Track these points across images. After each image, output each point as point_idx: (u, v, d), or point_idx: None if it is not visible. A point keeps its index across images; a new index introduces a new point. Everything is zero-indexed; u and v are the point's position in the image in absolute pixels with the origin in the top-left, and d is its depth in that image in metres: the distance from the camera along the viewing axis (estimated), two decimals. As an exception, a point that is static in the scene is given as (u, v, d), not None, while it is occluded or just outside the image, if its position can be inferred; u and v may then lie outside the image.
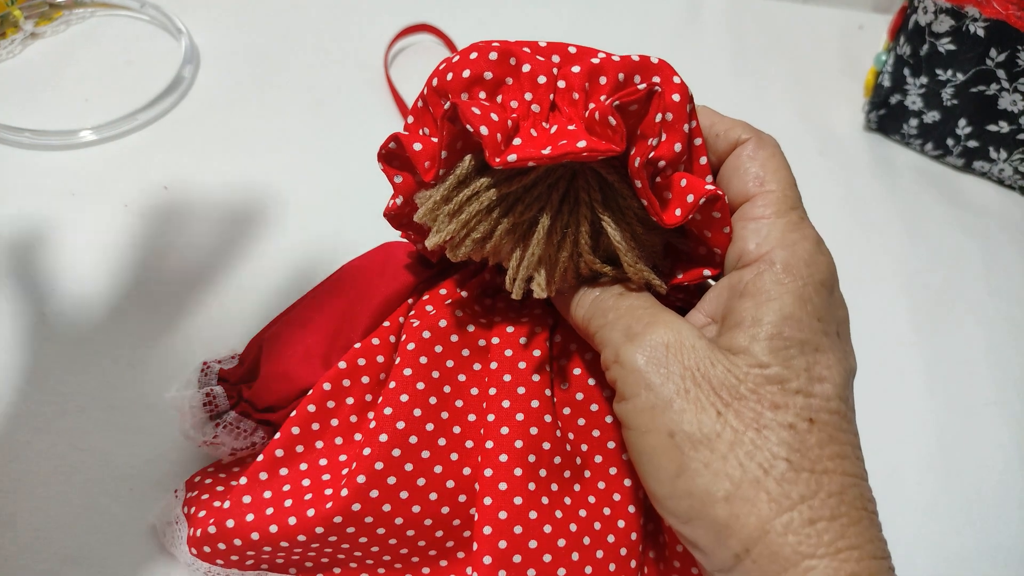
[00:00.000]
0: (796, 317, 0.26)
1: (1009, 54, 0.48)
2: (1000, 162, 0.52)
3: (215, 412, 0.33)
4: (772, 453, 0.24)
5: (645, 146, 0.26)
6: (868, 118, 0.57)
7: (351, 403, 0.31)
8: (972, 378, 0.43)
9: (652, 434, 0.25)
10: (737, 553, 0.24)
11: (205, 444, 0.32)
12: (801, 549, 0.23)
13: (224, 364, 0.34)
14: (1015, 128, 0.50)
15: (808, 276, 0.26)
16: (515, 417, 0.30)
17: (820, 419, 0.25)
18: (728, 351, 0.26)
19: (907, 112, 0.54)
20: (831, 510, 0.24)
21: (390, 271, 0.34)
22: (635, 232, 0.28)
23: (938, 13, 0.49)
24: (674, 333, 0.26)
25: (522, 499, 0.29)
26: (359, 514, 0.29)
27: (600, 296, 0.28)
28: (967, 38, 0.49)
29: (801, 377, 0.25)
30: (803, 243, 0.27)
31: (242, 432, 0.33)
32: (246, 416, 0.33)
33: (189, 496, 0.32)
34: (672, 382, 0.25)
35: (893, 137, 0.56)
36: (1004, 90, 0.49)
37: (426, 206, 0.28)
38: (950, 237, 0.50)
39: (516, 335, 0.31)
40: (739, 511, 0.24)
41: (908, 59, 0.52)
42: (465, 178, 0.27)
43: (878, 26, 0.61)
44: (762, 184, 0.28)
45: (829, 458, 0.24)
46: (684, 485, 0.25)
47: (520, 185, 0.27)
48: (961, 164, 0.54)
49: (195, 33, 0.59)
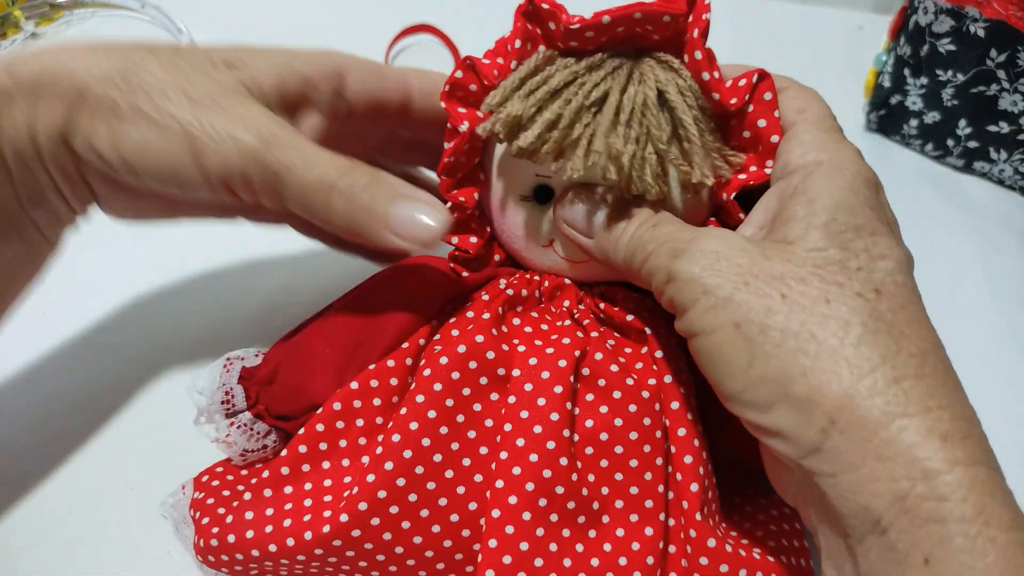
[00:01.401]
0: (849, 205, 0.26)
1: (1009, 55, 0.48)
2: (1000, 163, 0.52)
3: (231, 410, 0.32)
4: (845, 320, 0.23)
5: (701, 19, 0.28)
6: (868, 119, 0.57)
7: (360, 425, 0.31)
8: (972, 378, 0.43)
9: (718, 331, 0.25)
10: (823, 427, 0.23)
11: (217, 441, 0.32)
12: (889, 409, 0.22)
13: (247, 361, 0.33)
14: (1015, 129, 0.50)
15: (856, 172, 0.27)
16: (528, 458, 0.28)
17: (887, 290, 0.24)
18: (783, 243, 0.26)
19: (907, 113, 0.54)
20: (915, 369, 0.23)
21: (417, 287, 0.32)
22: (696, 118, 0.29)
23: (938, 14, 0.49)
24: (720, 240, 0.26)
25: (528, 545, 0.28)
26: (359, 539, 0.28)
27: (636, 232, 0.28)
28: (967, 38, 0.49)
29: (861, 256, 0.25)
30: (847, 150, 0.28)
31: (255, 434, 0.32)
32: (260, 418, 0.32)
33: (196, 497, 0.32)
34: (729, 280, 0.25)
35: (893, 138, 0.56)
36: (1004, 91, 0.49)
37: (497, 94, 0.29)
38: (950, 237, 0.50)
39: (539, 368, 0.30)
40: (819, 382, 0.23)
41: (908, 60, 0.52)
42: (535, 68, 0.29)
43: (878, 26, 0.61)
44: (802, 112, 0.29)
45: (904, 323, 0.24)
46: (758, 371, 0.24)
47: (587, 65, 0.29)
48: (961, 165, 0.54)
49: (195, 33, 0.59)
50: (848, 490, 0.22)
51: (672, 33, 0.29)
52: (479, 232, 0.33)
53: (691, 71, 0.29)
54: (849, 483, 0.22)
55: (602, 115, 0.28)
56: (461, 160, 0.31)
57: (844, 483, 0.22)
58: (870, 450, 0.22)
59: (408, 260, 0.34)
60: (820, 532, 0.25)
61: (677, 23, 0.28)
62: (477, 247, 0.33)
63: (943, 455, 0.22)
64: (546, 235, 0.32)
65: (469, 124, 0.30)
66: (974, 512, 0.21)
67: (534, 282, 0.33)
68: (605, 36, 0.29)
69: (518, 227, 0.32)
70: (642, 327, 0.31)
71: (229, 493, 0.32)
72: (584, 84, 0.28)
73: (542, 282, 0.33)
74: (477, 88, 0.31)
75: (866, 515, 0.22)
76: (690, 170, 0.28)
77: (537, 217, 0.32)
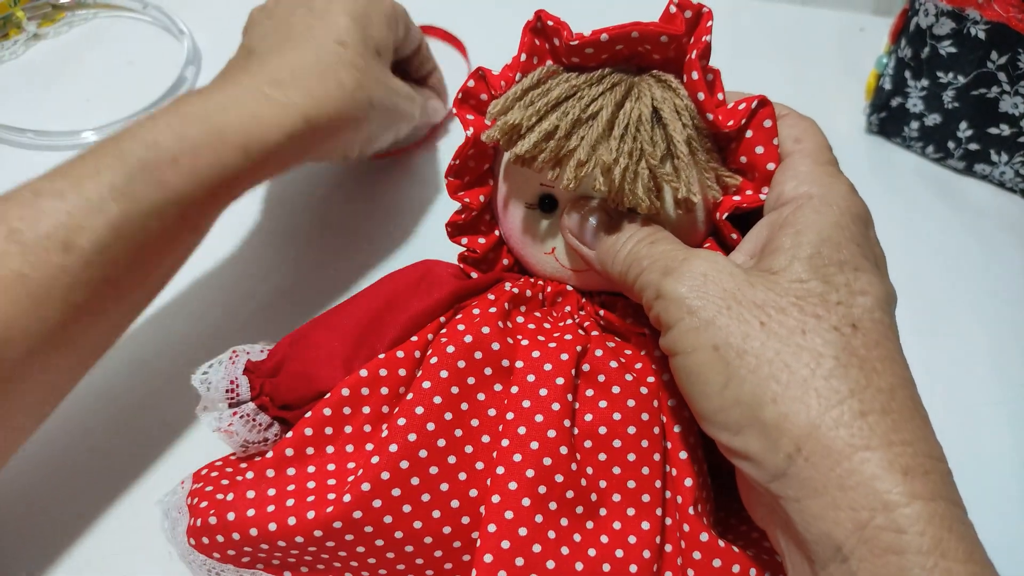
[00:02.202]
0: (834, 240, 0.26)
1: (1010, 57, 0.48)
2: (1001, 165, 0.52)
3: (235, 400, 0.33)
4: (818, 352, 0.24)
5: (701, 41, 0.29)
6: (869, 121, 0.57)
7: (367, 412, 0.31)
8: (972, 379, 0.43)
9: (698, 351, 0.26)
10: (789, 453, 0.23)
11: (219, 431, 0.32)
12: (853, 441, 0.23)
13: (252, 356, 0.34)
14: (1016, 131, 0.50)
15: (845, 208, 0.27)
16: (529, 445, 0.29)
17: (863, 326, 0.25)
18: (767, 272, 0.26)
19: (908, 115, 0.54)
20: (883, 404, 0.24)
21: (425, 287, 0.33)
22: (690, 137, 0.30)
23: (939, 16, 0.49)
24: (710, 263, 0.27)
25: (527, 530, 0.28)
26: (359, 522, 0.29)
27: (633, 248, 0.29)
28: (968, 41, 0.49)
29: (841, 291, 0.26)
30: (839, 185, 0.28)
31: (257, 425, 0.33)
32: (264, 410, 0.33)
33: (194, 488, 0.32)
34: (713, 303, 0.26)
35: (894, 140, 0.57)
36: (1005, 93, 0.49)
37: (499, 103, 0.30)
38: (951, 239, 0.50)
39: (541, 360, 0.31)
40: (788, 410, 0.24)
41: (909, 62, 0.52)
42: (538, 80, 0.30)
43: (879, 28, 0.61)
44: (798, 142, 0.30)
45: (877, 359, 0.24)
46: (732, 394, 0.25)
47: (586, 80, 0.30)
48: (962, 167, 0.54)
49: (197, 34, 0.59)
50: (811, 515, 0.23)
51: (673, 53, 0.30)
52: (487, 234, 0.35)
53: (688, 91, 0.30)
54: (812, 509, 0.23)
55: (592, 128, 0.29)
56: (469, 164, 0.33)
57: (808, 509, 0.23)
58: (833, 479, 0.23)
59: (415, 263, 0.35)
60: (788, 557, 0.26)
61: (675, 43, 0.30)
62: (485, 248, 0.34)
63: (902, 488, 0.22)
64: (548, 243, 0.33)
65: (475, 130, 0.31)
66: (931, 545, 0.22)
67: (538, 286, 0.34)
68: (606, 53, 0.30)
69: (522, 232, 0.33)
70: (641, 329, 0.32)
71: (228, 482, 0.32)
72: (583, 98, 0.30)
73: (545, 287, 0.34)
74: (488, 97, 0.32)
75: (828, 541, 0.23)
76: (678, 185, 0.29)
77: (540, 225, 0.33)
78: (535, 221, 0.33)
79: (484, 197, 0.33)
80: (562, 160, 0.30)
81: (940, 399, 0.42)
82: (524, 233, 0.33)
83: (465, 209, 0.33)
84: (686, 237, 0.31)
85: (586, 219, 0.31)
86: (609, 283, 0.31)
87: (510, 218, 0.34)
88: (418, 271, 0.34)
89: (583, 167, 0.29)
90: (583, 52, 0.30)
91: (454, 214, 0.33)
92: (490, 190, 0.34)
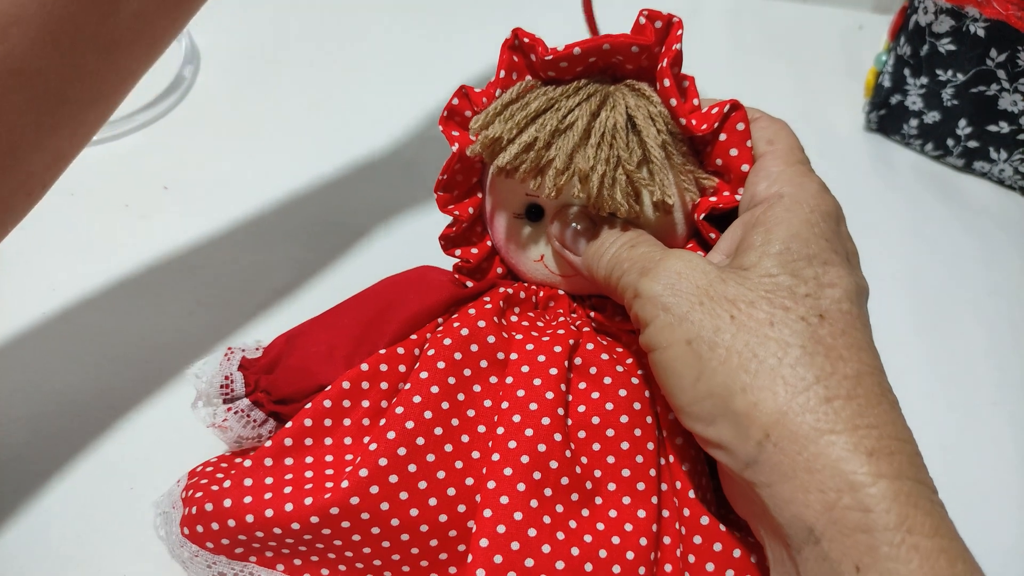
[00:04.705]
0: (803, 236, 0.27)
1: (1009, 54, 0.48)
2: (1000, 162, 0.52)
3: (229, 396, 0.33)
4: (786, 342, 0.25)
5: (671, 50, 0.30)
6: (868, 118, 0.57)
7: (366, 406, 0.32)
8: (972, 378, 0.43)
9: (672, 347, 0.27)
10: (759, 440, 0.24)
11: (213, 426, 0.33)
12: (819, 426, 0.24)
13: (248, 353, 0.34)
14: (1015, 128, 0.50)
15: (815, 206, 0.28)
16: (524, 432, 0.30)
17: (831, 316, 0.26)
18: (740, 269, 0.27)
19: (907, 112, 0.54)
20: (847, 390, 0.24)
21: (424, 288, 0.34)
22: (664, 142, 0.31)
23: (938, 13, 0.49)
24: (684, 262, 0.28)
25: (522, 515, 0.29)
26: (356, 508, 0.29)
27: (616, 252, 0.31)
28: (967, 38, 0.49)
29: (810, 283, 0.27)
30: (810, 184, 0.29)
31: (252, 421, 0.33)
32: (259, 405, 0.33)
33: (190, 482, 0.33)
34: (686, 300, 0.27)
35: (893, 137, 0.56)
36: (1004, 90, 0.49)
37: (481, 119, 0.31)
38: (950, 237, 0.50)
39: (535, 352, 0.32)
40: (757, 398, 0.25)
41: (908, 59, 0.52)
42: (517, 95, 0.32)
43: (878, 26, 0.61)
44: (771, 143, 0.31)
45: (844, 347, 0.25)
46: (705, 386, 0.26)
47: (563, 92, 0.31)
48: (961, 164, 0.54)
49: (195, 33, 0.59)
50: (783, 500, 0.24)
51: (645, 62, 0.32)
52: (480, 244, 0.36)
53: (662, 98, 0.31)
54: (783, 493, 0.24)
55: (567, 137, 0.30)
56: (457, 178, 0.34)
57: (779, 493, 0.24)
58: (800, 462, 0.24)
59: (413, 268, 0.36)
60: (767, 543, 0.26)
61: (647, 53, 0.31)
62: (478, 258, 0.35)
63: (867, 469, 0.23)
64: (537, 250, 0.34)
65: (460, 145, 0.33)
66: (897, 521, 0.22)
67: (531, 290, 0.36)
68: (580, 66, 0.31)
69: (511, 241, 0.35)
70: (631, 327, 0.33)
71: (223, 476, 0.32)
72: (560, 109, 0.31)
73: (538, 291, 0.35)
74: (472, 114, 0.34)
75: (800, 524, 0.24)
76: (654, 188, 0.30)
77: (528, 233, 0.34)
78: (523, 230, 0.34)
79: (474, 209, 0.35)
80: (543, 169, 0.31)
81: (940, 399, 0.42)
82: (513, 242, 0.35)
83: (456, 222, 0.34)
84: (667, 239, 0.32)
85: (570, 226, 0.32)
86: (597, 287, 0.32)
87: (499, 228, 0.35)
88: (417, 275, 0.35)
89: (562, 175, 0.30)
90: (558, 66, 0.31)
91: (446, 227, 0.34)
92: (479, 201, 0.35)
